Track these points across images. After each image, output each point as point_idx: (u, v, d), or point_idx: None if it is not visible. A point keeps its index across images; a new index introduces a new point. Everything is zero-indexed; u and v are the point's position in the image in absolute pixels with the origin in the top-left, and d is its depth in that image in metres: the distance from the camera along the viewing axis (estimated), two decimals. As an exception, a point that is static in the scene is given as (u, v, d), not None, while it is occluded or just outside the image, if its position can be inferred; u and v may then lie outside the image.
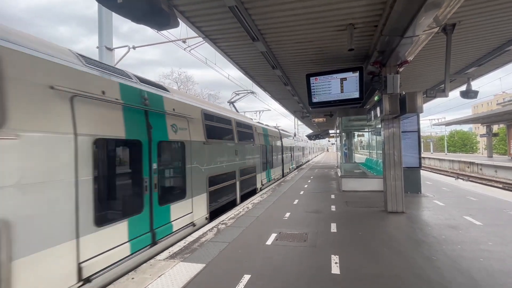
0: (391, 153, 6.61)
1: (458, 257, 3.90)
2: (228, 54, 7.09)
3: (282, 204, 7.82)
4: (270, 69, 8.01)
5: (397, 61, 6.05)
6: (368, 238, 4.81)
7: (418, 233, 5.03)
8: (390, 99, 6.05)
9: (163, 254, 4.28)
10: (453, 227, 5.27)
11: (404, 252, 4.14)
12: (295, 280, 3.34)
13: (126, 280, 3.44)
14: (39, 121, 2.87)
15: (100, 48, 9.43)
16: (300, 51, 6.86)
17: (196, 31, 5.64)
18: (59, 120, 3.06)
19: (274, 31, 5.67)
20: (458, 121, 27.60)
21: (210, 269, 3.72)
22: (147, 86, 4.84)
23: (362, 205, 7.48)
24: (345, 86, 6.92)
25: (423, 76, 9.66)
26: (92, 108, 3.51)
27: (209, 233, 5.31)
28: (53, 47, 3.36)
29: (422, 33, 4.68)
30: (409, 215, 6.27)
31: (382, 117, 6.56)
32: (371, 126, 13.86)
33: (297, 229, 5.37)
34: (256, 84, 10.40)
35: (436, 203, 7.43)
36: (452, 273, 3.43)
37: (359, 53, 6.92)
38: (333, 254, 4.06)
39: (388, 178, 6.61)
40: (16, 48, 2.78)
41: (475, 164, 24.99)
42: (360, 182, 9.89)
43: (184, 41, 9.87)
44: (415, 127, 9.05)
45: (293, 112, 19.07)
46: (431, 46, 6.50)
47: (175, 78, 32.13)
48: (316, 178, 14.29)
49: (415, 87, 11.17)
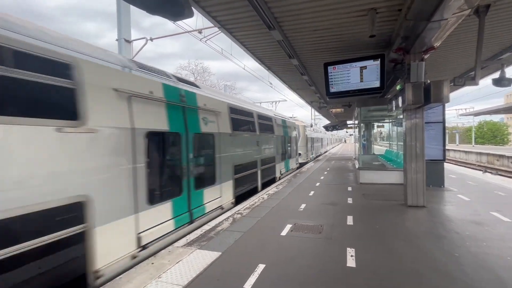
0: (413, 145, 6.32)
1: (483, 254, 3.72)
2: (244, 43, 7.00)
3: (297, 195, 7.79)
4: (287, 58, 7.84)
5: (423, 47, 5.69)
6: (386, 232, 4.70)
7: (439, 228, 4.84)
8: (413, 88, 5.73)
9: (181, 241, 4.43)
10: (478, 223, 5.02)
11: (423, 247, 4.01)
12: (309, 271, 3.34)
13: (146, 264, 3.61)
14: (108, 117, 3.53)
15: (119, 40, 9.64)
16: (318, 39, 6.63)
17: (212, 20, 5.59)
18: (121, 117, 3.72)
19: (291, 19, 5.50)
20: (489, 111, 25.76)
21: (225, 257, 3.81)
22: (183, 84, 5.43)
23: (380, 198, 7.29)
24: (365, 75, 6.64)
25: (450, 63, 9.06)
26: (144, 105, 4.15)
27: (225, 222, 5.42)
28: (113, 55, 4.01)
29: (452, 16, 4.33)
30: (430, 210, 6.03)
31: (404, 107, 6.24)
32: (392, 117, 13.31)
33: (313, 221, 5.34)
34: (272, 74, 10.24)
35: (460, 198, 7.09)
36: (476, 270, 3.28)
37: (381, 40, 6.58)
38: (349, 247, 4.01)
39: (409, 170, 6.36)
40: (90, 60, 3.40)
41: (505, 157, 23.44)
42: (379, 174, 9.61)
43: (200, 32, 9.86)
44: (439, 117, 8.57)
45: (310, 103, 18.68)
46: (460, 30, 6.04)
47: (192, 69, 32.42)
48: (332, 170, 14.07)
49: (441, 75, 10.53)
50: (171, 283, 3.14)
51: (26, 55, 2.73)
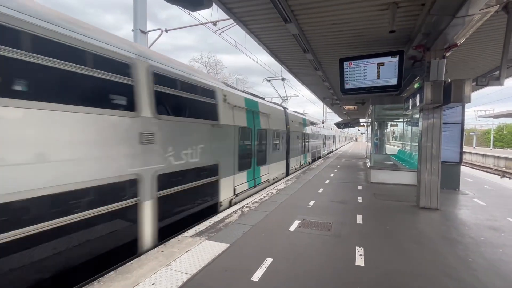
0: (429, 146, 6.14)
1: (498, 260, 3.61)
2: (259, 36, 6.92)
3: (306, 192, 7.76)
4: (301, 52, 7.72)
5: (444, 44, 5.47)
6: (396, 232, 4.62)
7: (452, 232, 4.71)
8: (432, 87, 5.54)
9: (190, 231, 4.50)
10: (494, 229, 4.86)
11: (435, 250, 3.92)
12: (317, 268, 3.34)
13: (156, 252, 3.69)
14: (227, 118, 6.22)
15: (135, 31, 9.73)
16: (334, 34, 6.48)
17: (228, 12, 5.54)
18: (231, 118, 6.41)
19: (307, 12, 5.38)
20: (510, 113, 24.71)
21: (233, 249, 3.85)
22: (249, 94, 8.19)
23: (392, 198, 7.16)
24: (382, 72, 6.46)
25: (473, 61, 8.68)
26: (238, 111, 6.82)
27: (233, 215, 5.46)
28: (222, 84, 6.40)
29: (478, 12, 4.14)
30: (443, 212, 5.88)
31: (421, 106, 6.05)
32: (407, 116, 12.94)
33: (321, 218, 5.31)
34: (285, 68, 10.12)
35: (476, 202, 6.86)
36: (489, 277, 3.19)
37: (400, 36, 6.36)
38: (358, 246, 3.97)
39: (423, 171, 6.20)
40: (224, 87, 6.27)
41: (525, 162, 22.47)
42: (391, 174, 9.42)
43: (215, 24, 9.82)
44: (458, 118, 8.27)
45: (323, 99, 18.40)
46: (486, 28, 5.76)
47: (204, 62, 32.48)
48: (342, 168, 13.89)
49: (462, 74, 10.12)
50: (180, 271, 3.20)
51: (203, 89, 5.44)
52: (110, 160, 3.32)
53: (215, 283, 2.99)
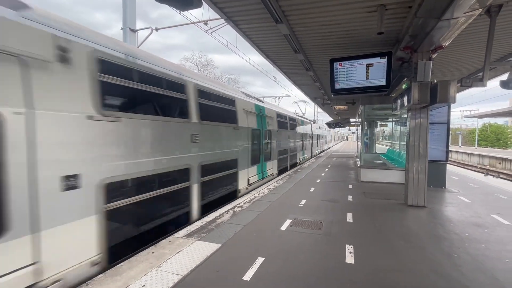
0: (416, 145, 6.29)
1: (482, 256, 3.74)
2: (250, 36, 6.92)
3: (298, 191, 7.82)
4: (292, 53, 7.76)
5: (431, 46, 5.62)
6: (385, 230, 4.72)
7: (439, 229, 4.85)
8: (419, 88, 5.68)
9: (181, 232, 4.47)
10: (478, 225, 5.03)
11: (422, 247, 4.02)
12: (308, 266, 3.38)
13: (146, 254, 3.65)
14: (242, 121, 7.55)
15: (124, 29, 9.56)
16: (325, 35, 6.55)
17: (218, 12, 5.52)
18: (246, 121, 7.76)
19: (298, 13, 5.42)
20: (494, 113, 25.48)
21: (225, 249, 3.85)
22: (256, 100, 9.42)
23: (381, 196, 7.30)
24: (371, 73, 6.58)
25: (458, 63, 8.93)
26: (250, 115, 8.11)
27: (225, 215, 5.45)
28: (237, 91, 8.19)
29: (462, 15, 4.26)
30: (430, 210, 6.04)
31: (409, 106, 6.19)
32: (396, 116, 13.22)
33: (312, 217, 5.37)
34: (277, 68, 10.15)
35: (461, 199, 7.08)
36: (473, 272, 3.30)
37: (389, 37, 6.49)
38: (348, 244, 4.04)
39: (411, 170, 6.35)
40: (241, 97, 7.82)
41: (507, 160, 23.32)
42: (380, 173, 9.60)
43: (206, 23, 9.76)
44: (444, 118, 8.50)
45: (314, 99, 18.58)
46: (470, 30, 5.94)
47: (196, 61, 32.19)
48: (333, 167, 14.07)
49: (448, 75, 10.39)
50: (171, 272, 3.18)
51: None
52: (178, 154, 4.78)
53: (207, 283, 2.98)
